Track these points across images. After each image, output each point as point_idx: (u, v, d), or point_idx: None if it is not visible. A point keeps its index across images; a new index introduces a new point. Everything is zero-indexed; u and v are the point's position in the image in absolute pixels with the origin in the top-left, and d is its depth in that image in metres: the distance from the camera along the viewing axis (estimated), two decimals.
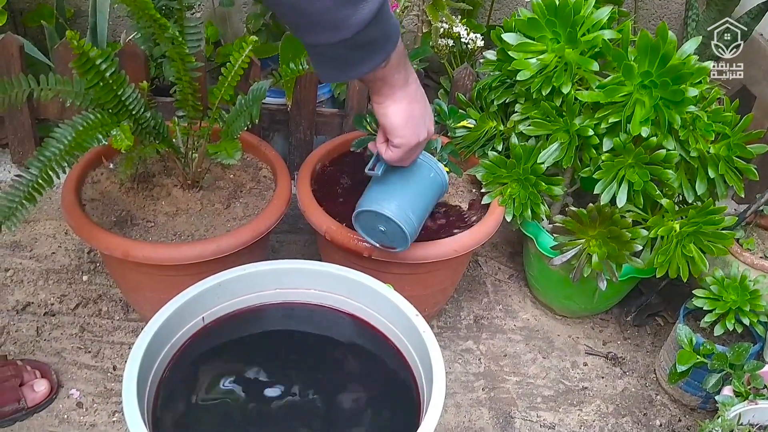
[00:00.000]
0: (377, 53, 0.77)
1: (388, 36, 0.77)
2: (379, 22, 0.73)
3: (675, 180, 1.14)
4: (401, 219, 1.03)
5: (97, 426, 1.13)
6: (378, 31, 0.74)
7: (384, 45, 0.77)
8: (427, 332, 0.89)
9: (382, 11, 0.73)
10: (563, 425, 1.25)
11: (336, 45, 0.73)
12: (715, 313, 1.18)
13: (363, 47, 0.75)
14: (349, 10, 0.70)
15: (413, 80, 0.88)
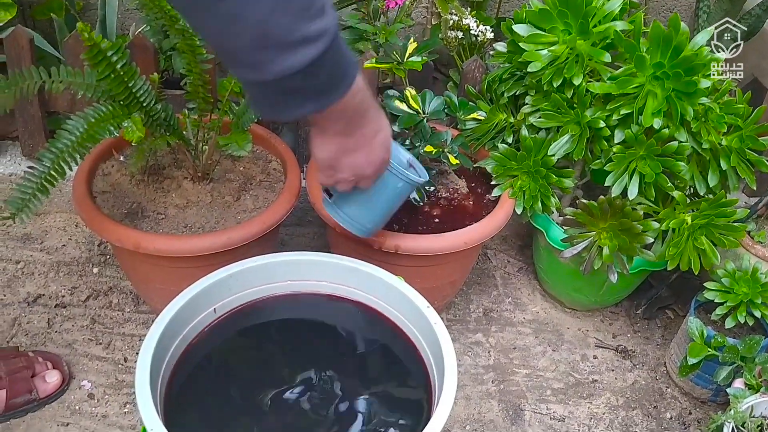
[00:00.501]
0: (307, 103, 0.66)
1: (324, 89, 0.66)
2: (312, 75, 0.62)
3: (687, 172, 1.14)
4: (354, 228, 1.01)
5: (108, 417, 1.14)
6: (310, 82, 0.63)
7: (316, 97, 0.66)
8: (439, 324, 0.89)
9: (323, 63, 0.62)
10: (573, 418, 1.25)
11: (253, 84, 0.64)
12: (727, 306, 1.18)
13: (288, 93, 0.64)
14: (270, 54, 0.59)
15: (363, 133, 0.78)
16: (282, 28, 0.58)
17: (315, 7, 0.59)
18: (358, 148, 0.79)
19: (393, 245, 1.14)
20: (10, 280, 1.36)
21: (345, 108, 0.70)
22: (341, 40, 0.64)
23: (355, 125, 0.76)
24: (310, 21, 0.59)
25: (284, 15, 0.58)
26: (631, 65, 1.08)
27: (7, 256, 1.41)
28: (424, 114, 1.21)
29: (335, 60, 0.64)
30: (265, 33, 0.58)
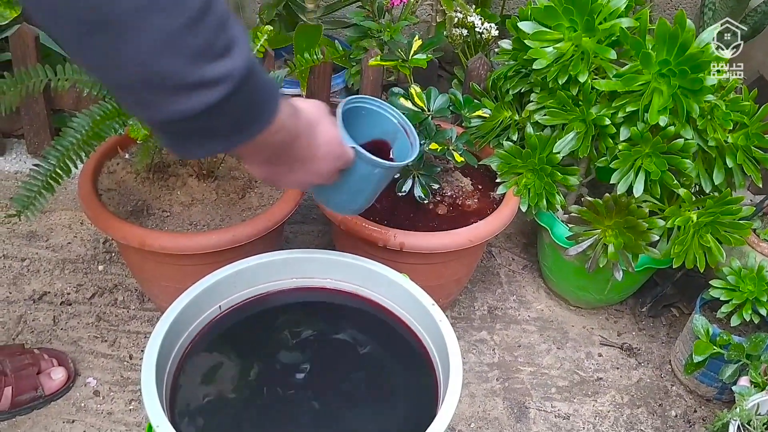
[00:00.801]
0: (210, 143, 0.59)
1: (230, 132, 0.59)
2: (213, 119, 0.55)
3: (692, 170, 1.13)
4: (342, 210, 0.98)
5: (114, 414, 1.14)
6: (211, 124, 0.56)
7: (221, 139, 0.59)
8: (444, 321, 0.89)
9: (225, 107, 0.54)
10: (578, 415, 1.24)
11: (146, 121, 0.57)
12: (732, 304, 1.17)
13: (186, 134, 0.57)
14: (159, 97, 0.52)
15: (295, 159, 0.71)
16: (171, 72, 0.50)
17: (216, 48, 0.51)
18: (295, 170, 0.73)
19: (398, 243, 1.14)
20: (15, 277, 1.36)
21: (263, 145, 0.63)
22: (256, 78, 0.56)
23: (281, 157, 0.69)
24: (209, 63, 0.51)
25: (174, 57, 0.49)
26: (636, 62, 1.08)
27: (13, 253, 1.41)
28: (429, 111, 1.21)
29: (243, 103, 0.56)
30: (149, 76, 0.50)
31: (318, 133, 0.72)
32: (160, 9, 0.47)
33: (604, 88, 1.11)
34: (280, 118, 0.62)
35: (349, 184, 0.86)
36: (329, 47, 1.38)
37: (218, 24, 0.51)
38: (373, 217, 1.19)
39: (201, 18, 0.49)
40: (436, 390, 0.88)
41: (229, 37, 0.52)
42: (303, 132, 0.69)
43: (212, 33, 0.51)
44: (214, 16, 0.50)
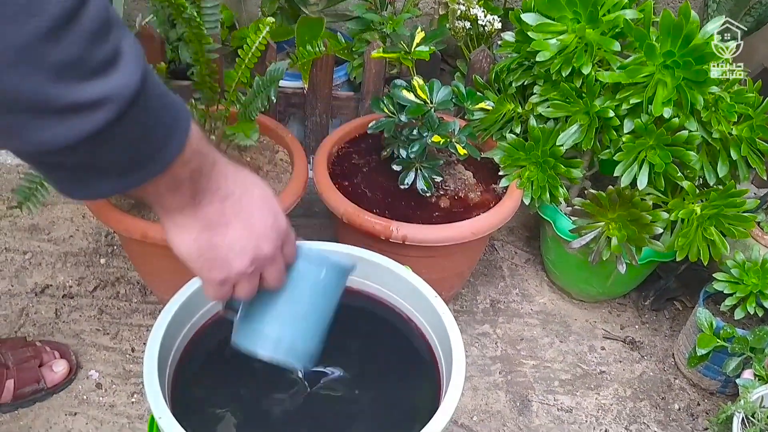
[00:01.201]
0: (102, 183, 0.47)
1: (128, 167, 0.47)
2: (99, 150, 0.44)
3: (697, 162, 1.13)
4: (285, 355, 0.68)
5: (116, 407, 1.14)
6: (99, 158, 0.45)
7: (118, 177, 0.47)
8: (447, 314, 0.88)
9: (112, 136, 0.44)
10: (580, 409, 1.24)
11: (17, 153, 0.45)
12: (736, 297, 1.17)
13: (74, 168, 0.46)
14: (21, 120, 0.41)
15: (215, 199, 0.55)
16: (28, 90, 0.40)
17: (91, 62, 0.41)
18: (228, 217, 0.56)
19: (400, 236, 1.14)
20: (17, 270, 1.36)
21: (176, 179, 0.51)
22: (152, 97, 0.46)
23: (204, 190, 0.54)
24: (82, 81, 0.41)
25: (29, 73, 0.39)
26: (641, 54, 1.08)
27: (15, 246, 1.41)
28: (431, 104, 1.20)
29: (138, 129, 0.45)
30: (5, 93, 0.40)
31: (239, 169, 0.58)
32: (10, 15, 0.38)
33: (607, 80, 1.10)
34: (191, 143, 0.50)
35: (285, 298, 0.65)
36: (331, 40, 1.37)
37: (93, 33, 0.41)
38: (375, 210, 1.19)
39: (65, 26, 0.40)
40: (438, 383, 0.87)
41: (110, 49, 0.42)
42: (220, 159, 0.55)
43: (84, 44, 0.41)
44: (86, 24, 0.41)
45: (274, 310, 0.65)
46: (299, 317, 0.66)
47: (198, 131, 0.52)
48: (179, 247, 0.57)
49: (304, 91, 1.51)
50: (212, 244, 0.56)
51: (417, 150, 1.19)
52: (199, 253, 0.56)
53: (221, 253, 0.57)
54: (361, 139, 1.39)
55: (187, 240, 0.55)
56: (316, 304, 0.67)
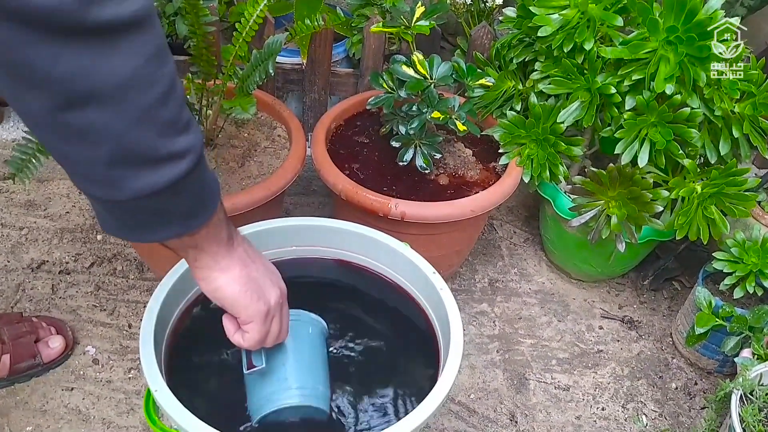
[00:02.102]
0: (170, 226, 0.58)
1: (192, 212, 0.58)
2: (175, 195, 0.55)
3: (698, 140, 1.12)
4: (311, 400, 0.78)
5: (113, 382, 1.14)
6: (173, 202, 0.55)
7: (184, 220, 0.58)
8: (444, 289, 0.88)
9: (187, 182, 0.54)
10: (578, 387, 1.24)
11: (105, 202, 0.54)
12: (735, 276, 1.16)
13: (146, 214, 0.56)
14: (129, 171, 0.51)
15: (239, 242, 0.68)
16: (146, 143, 0.50)
17: (182, 121, 0.52)
18: (252, 255, 0.69)
19: (399, 213, 1.13)
20: (14, 246, 1.35)
21: (219, 220, 0.62)
22: (205, 159, 0.57)
23: (230, 235, 0.66)
24: (177, 136, 0.52)
25: (149, 128, 0.50)
26: (643, 29, 1.06)
27: (11, 222, 1.40)
28: (431, 79, 1.19)
29: (200, 179, 0.57)
30: (125, 148, 0.49)
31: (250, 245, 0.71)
32: (139, 84, 0.48)
33: (610, 56, 1.09)
34: (221, 205, 0.63)
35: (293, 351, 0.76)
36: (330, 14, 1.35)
37: (182, 98, 0.53)
38: (374, 187, 1.18)
39: (170, 92, 0.50)
40: (437, 358, 0.87)
41: (188, 113, 0.54)
42: (236, 233, 0.68)
43: (178, 107, 0.52)
44: (179, 92, 0.52)
45: (288, 366, 0.76)
46: (308, 367, 0.77)
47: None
48: (229, 287, 0.66)
49: (302, 67, 1.49)
50: (251, 277, 0.67)
51: (416, 126, 1.18)
52: (245, 287, 0.66)
53: (260, 284, 0.68)
54: (359, 116, 1.37)
55: (232, 279, 0.65)
56: (314, 354, 0.79)
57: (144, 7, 0.47)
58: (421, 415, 0.73)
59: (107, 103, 0.47)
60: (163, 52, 0.50)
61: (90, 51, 0.45)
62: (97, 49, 0.45)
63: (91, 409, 1.10)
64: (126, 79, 0.47)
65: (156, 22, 0.49)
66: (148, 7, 0.47)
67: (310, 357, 0.79)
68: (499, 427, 1.16)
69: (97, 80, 0.46)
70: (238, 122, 1.29)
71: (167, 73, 0.50)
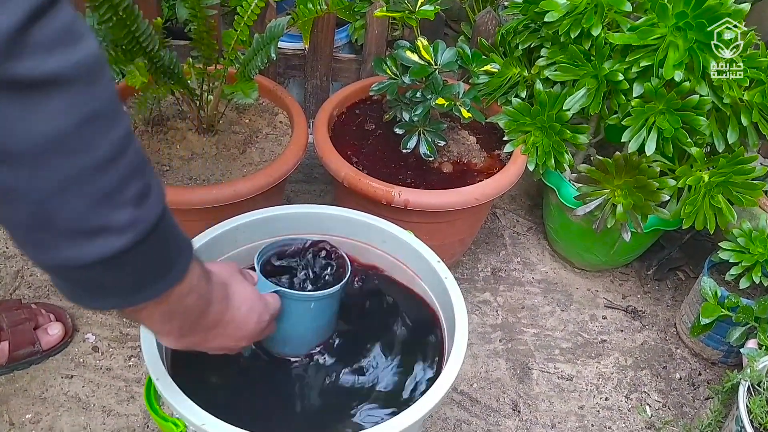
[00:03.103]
0: (108, 298, 0.51)
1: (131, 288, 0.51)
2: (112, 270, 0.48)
3: (706, 128, 1.10)
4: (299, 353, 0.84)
5: (113, 370, 1.13)
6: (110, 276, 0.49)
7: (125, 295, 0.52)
8: (449, 278, 0.87)
9: (128, 259, 0.48)
10: (581, 377, 1.23)
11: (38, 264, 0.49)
12: (742, 266, 1.15)
13: (80, 283, 0.50)
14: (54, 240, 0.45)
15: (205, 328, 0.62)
16: (72, 212, 0.44)
17: (127, 194, 0.46)
18: (210, 339, 0.64)
19: (402, 200, 1.11)
20: None
21: (169, 309, 0.56)
22: (166, 232, 0.50)
23: (193, 325, 0.60)
24: (117, 208, 0.46)
25: (77, 197, 0.44)
26: (652, 15, 1.04)
27: None
28: (436, 65, 1.17)
29: (147, 257, 0.50)
30: (46, 214, 0.44)
31: (233, 294, 0.65)
32: (64, 148, 0.42)
33: (618, 42, 1.07)
34: (190, 279, 0.55)
35: (293, 327, 0.79)
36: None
37: (134, 169, 0.46)
38: (377, 174, 1.17)
39: (114, 161, 0.44)
40: (441, 347, 0.86)
41: (143, 185, 0.47)
42: (216, 297, 0.61)
43: (123, 178, 0.45)
44: (130, 160, 0.46)
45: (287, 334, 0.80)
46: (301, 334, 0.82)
47: (202, 271, 0.58)
48: (161, 341, 0.63)
49: (304, 53, 1.47)
50: (198, 348, 0.65)
51: (420, 113, 1.16)
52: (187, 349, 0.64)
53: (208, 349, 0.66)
54: (362, 103, 1.36)
55: (168, 342, 0.62)
56: (313, 322, 0.82)
57: (79, 64, 0.41)
58: (426, 405, 0.72)
59: (21, 165, 0.42)
60: (109, 115, 0.44)
61: (2, 107, 0.40)
62: (9, 106, 0.40)
63: (90, 397, 1.09)
64: (46, 142, 0.41)
65: (103, 81, 0.43)
66: (85, 64, 0.42)
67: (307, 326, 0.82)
68: (501, 416, 1.15)
69: (8, 140, 0.41)
70: (239, 108, 1.27)
71: (113, 140, 0.44)
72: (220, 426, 0.67)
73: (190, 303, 0.57)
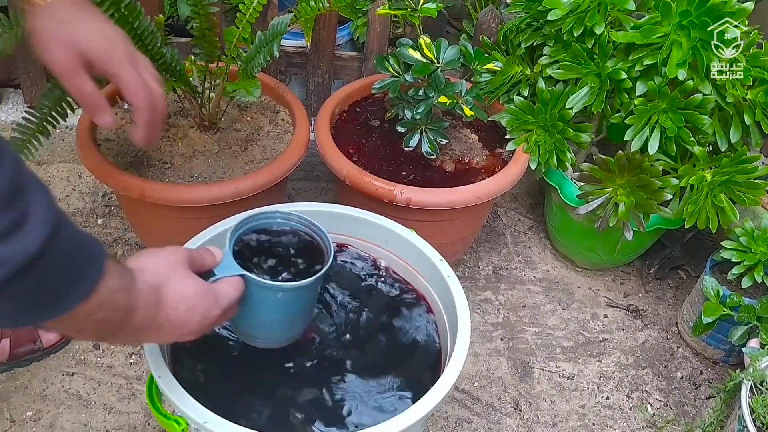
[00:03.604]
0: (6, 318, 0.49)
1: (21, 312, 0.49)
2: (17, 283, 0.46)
3: (709, 126, 1.10)
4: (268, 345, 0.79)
5: (114, 367, 1.13)
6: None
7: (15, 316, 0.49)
8: (452, 277, 0.87)
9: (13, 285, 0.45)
10: (582, 376, 1.23)
11: None
12: (744, 265, 1.15)
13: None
14: None
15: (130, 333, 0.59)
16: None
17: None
18: (140, 339, 0.63)
19: (404, 199, 1.11)
20: None
21: (77, 324, 0.53)
22: (61, 256, 0.48)
23: (111, 334, 0.58)
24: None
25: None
26: (656, 14, 1.04)
27: None
28: (438, 63, 1.17)
29: (37, 285, 0.47)
30: None
31: (167, 296, 0.61)
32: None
33: (621, 40, 1.07)
34: (99, 297, 0.52)
35: (259, 315, 0.73)
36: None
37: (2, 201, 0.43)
38: (379, 172, 1.16)
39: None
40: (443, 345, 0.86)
41: (15, 216, 0.44)
42: (142, 304, 0.58)
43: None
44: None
45: (253, 322, 0.75)
46: (269, 324, 0.76)
47: (120, 283, 0.54)
48: None
49: (306, 50, 1.47)
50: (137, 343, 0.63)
51: (422, 111, 1.16)
52: None
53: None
54: (364, 101, 1.35)
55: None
56: (280, 313, 0.75)
57: None
58: (428, 404, 0.71)
59: None
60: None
61: None
62: None
63: (91, 395, 1.09)
64: None
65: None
66: None
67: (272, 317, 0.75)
68: (503, 415, 1.15)
69: None
70: (241, 106, 1.27)
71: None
72: (223, 424, 0.67)
73: (101, 317, 0.54)
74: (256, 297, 0.71)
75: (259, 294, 0.70)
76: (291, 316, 0.76)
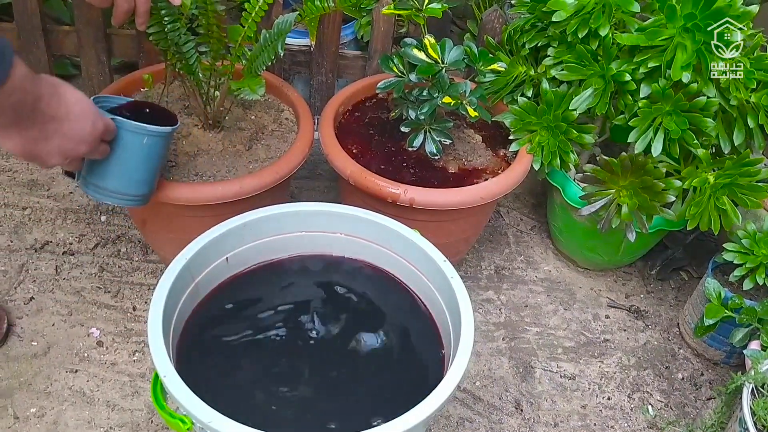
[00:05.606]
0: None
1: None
2: None
3: (713, 129, 1.10)
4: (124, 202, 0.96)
5: (117, 364, 1.13)
6: None
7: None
8: (455, 278, 0.87)
9: None
10: (584, 376, 1.24)
11: None
12: (746, 267, 1.15)
13: None
14: None
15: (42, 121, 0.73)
16: None
17: None
18: (49, 134, 0.74)
19: (408, 199, 1.11)
20: (17, 226, 1.34)
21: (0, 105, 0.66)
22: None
23: (26, 119, 0.71)
24: None
25: None
26: (661, 16, 1.04)
27: (14, 202, 1.38)
28: (443, 64, 1.17)
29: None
30: None
31: (65, 93, 0.74)
32: None
33: (626, 42, 1.07)
34: (13, 81, 0.65)
35: (123, 161, 0.88)
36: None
37: None
38: (382, 172, 1.17)
39: None
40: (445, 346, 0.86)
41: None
42: (46, 92, 0.71)
43: None
44: None
45: (110, 171, 0.88)
46: (129, 173, 0.90)
47: (25, 71, 0.67)
48: (5, 146, 0.72)
49: (310, 49, 1.47)
50: (33, 153, 0.74)
51: (427, 111, 1.16)
52: (23, 154, 0.74)
53: (40, 157, 0.75)
54: (368, 100, 1.36)
55: (12, 145, 0.72)
56: (142, 161, 0.90)
57: None
58: (431, 405, 0.72)
59: None
60: None
61: None
62: None
63: (95, 392, 1.09)
64: None
65: None
66: None
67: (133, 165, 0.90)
68: (504, 414, 1.16)
69: None
70: (245, 104, 1.27)
71: None
72: (228, 423, 0.67)
73: (16, 99, 0.67)
74: (123, 142, 0.86)
75: (128, 138, 0.86)
76: (150, 167, 0.92)
